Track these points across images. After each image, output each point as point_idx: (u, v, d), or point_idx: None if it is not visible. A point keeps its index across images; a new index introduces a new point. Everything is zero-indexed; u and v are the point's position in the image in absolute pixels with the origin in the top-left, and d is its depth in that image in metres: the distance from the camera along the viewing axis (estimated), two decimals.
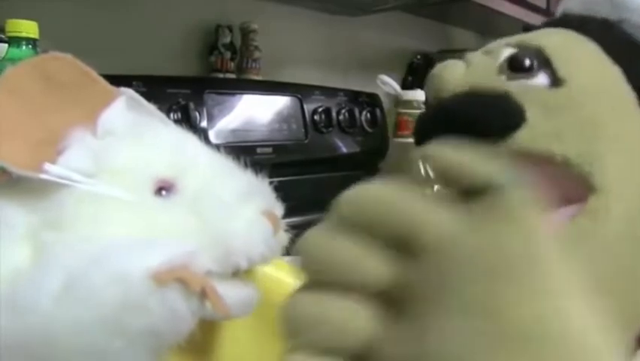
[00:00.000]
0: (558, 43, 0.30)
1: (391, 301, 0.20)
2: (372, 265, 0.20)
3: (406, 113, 1.02)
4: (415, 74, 1.43)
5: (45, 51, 0.36)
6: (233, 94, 0.97)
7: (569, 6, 0.37)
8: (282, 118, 1.04)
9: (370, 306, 0.20)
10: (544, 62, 0.29)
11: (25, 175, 0.27)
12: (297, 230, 0.32)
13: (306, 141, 1.07)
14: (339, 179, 1.14)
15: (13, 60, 0.54)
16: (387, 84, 1.03)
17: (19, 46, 0.55)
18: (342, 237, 0.20)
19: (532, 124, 0.28)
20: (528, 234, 0.19)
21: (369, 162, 1.17)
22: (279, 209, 0.32)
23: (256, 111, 1.00)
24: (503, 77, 0.30)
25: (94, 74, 0.32)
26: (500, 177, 0.19)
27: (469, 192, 0.20)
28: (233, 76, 1.04)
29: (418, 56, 1.45)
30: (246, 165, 0.33)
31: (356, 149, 1.15)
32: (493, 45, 0.32)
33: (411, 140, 0.96)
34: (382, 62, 1.35)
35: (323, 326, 0.19)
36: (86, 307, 0.24)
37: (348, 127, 1.14)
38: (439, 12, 1.43)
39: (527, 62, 0.29)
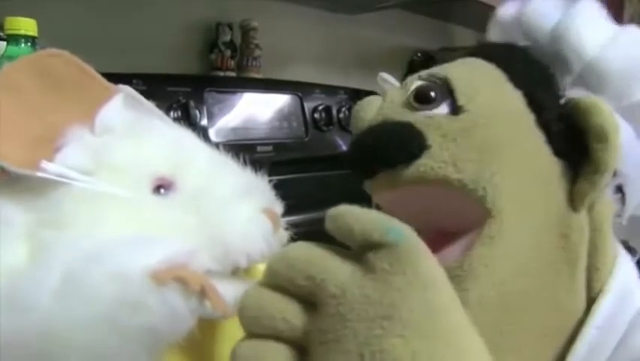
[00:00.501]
0: (463, 73, 0.33)
1: (307, 346, 0.23)
2: (290, 317, 0.24)
3: None
4: (416, 71, 1.42)
5: (43, 49, 0.36)
6: (234, 92, 0.97)
7: (492, 35, 0.41)
8: (283, 116, 1.04)
9: (290, 350, 0.24)
10: (448, 93, 0.31)
11: (22, 173, 0.27)
12: (297, 228, 0.32)
13: (306, 139, 1.06)
14: (339, 177, 1.13)
15: (11, 58, 0.54)
16: (388, 82, 1.02)
17: (17, 44, 0.54)
18: (268, 295, 0.24)
19: (432, 152, 0.30)
20: (418, 281, 0.22)
21: None
22: (278, 207, 0.31)
23: (256, 109, 0.99)
24: (410, 109, 0.32)
25: (91, 71, 0.31)
26: (391, 234, 0.23)
27: (365, 248, 0.23)
28: (233, 74, 1.04)
29: (419, 54, 1.44)
30: (246, 163, 0.33)
31: None
32: (410, 78, 0.35)
33: None
34: (383, 60, 1.34)
35: None
36: (85, 305, 0.24)
37: (349, 125, 1.13)
38: (440, 10, 1.43)
39: (432, 94, 0.31)
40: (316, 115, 1.08)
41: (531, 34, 0.36)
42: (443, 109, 0.31)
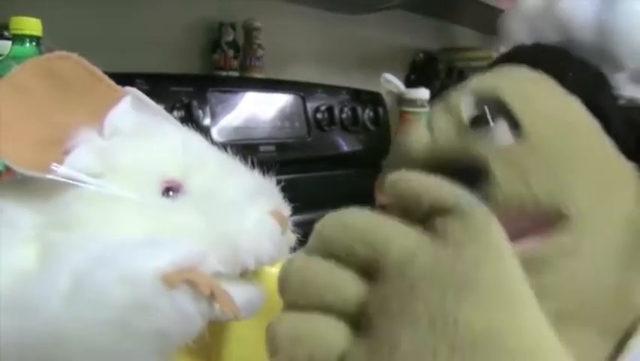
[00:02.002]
0: (514, 88, 0.31)
1: (363, 319, 0.22)
2: (343, 287, 0.22)
3: (409, 112, 1.02)
4: (418, 72, 1.43)
5: (49, 49, 0.36)
6: (236, 92, 0.97)
7: (518, 36, 0.37)
8: (285, 116, 1.03)
9: (342, 325, 0.22)
10: (503, 112, 0.29)
11: (31, 175, 0.27)
12: (300, 228, 0.32)
13: (308, 139, 1.06)
14: (341, 177, 1.14)
15: (16, 58, 0.54)
16: (391, 82, 1.02)
17: (22, 43, 0.55)
18: (317, 263, 0.23)
19: (500, 182, 0.28)
20: (493, 252, 0.21)
21: (371, 160, 1.17)
22: (286, 209, 0.31)
23: (259, 109, 0.99)
24: (466, 135, 0.30)
25: (100, 73, 0.31)
26: (463, 200, 0.22)
27: (429, 215, 0.22)
28: (236, 74, 1.04)
29: (421, 54, 1.44)
30: (248, 163, 0.33)
31: (358, 147, 1.15)
32: (452, 98, 0.32)
33: None
34: (385, 61, 1.34)
35: (299, 342, 0.22)
36: (95, 308, 0.24)
37: (351, 125, 1.13)
38: (442, 10, 1.42)
39: (487, 118, 0.29)
40: (319, 115, 1.08)
41: (570, 31, 0.34)
42: (502, 131, 0.29)
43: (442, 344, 0.19)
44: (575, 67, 0.32)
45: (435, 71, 1.41)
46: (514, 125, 0.29)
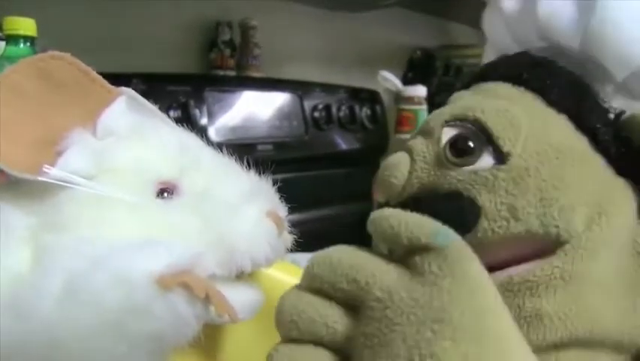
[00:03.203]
0: (494, 109, 0.29)
1: (351, 351, 0.23)
2: (331, 322, 0.24)
3: (406, 110, 1.02)
4: (415, 69, 1.42)
5: (43, 49, 0.35)
6: (234, 91, 0.97)
7: (499, 39, 0.36)
8: (282, 115, 1.03)
9: (333, 355, 0.24)
10: (486, 138, 0.28)
11: (24, 177, 0.26)
12: (297, 227, 0.32)
13: (306, 138, 1.06)
14: (339, 176, 1.13)
15: (10, 58, 0.53)
16: (389, 80, 1.02)
17: (16, 44, 0.54)
18: (307, 299, 0.24)
19: (487, 213, 0.27)
20: (466, 285, 0.22)
21: (369, 158, 1.17)
22: (282, 210, 0.31)
23: (256, 108, 0.99)
24: (448, 166, 0.29)
25: (93, 73, 0.31)
26: (439, 237, 0.22)
27: (411, 252, 0.23)
28: (233, 73, 1.03)
29: (418, 52, 1.44)
30: (246, 163, 0.33)
31: (356, 145, 1.15)
32: (431, 122, 0.31)
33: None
34: (382, 58, 1.34)
35: None
36: (89, 310, 0.24)
37: (349, 124, 1.13)
38: (440, 8, 1.42)
39: (469, 145, 0.28)
40: (316, 114, 1.08)
41: (552, 37, 0.32)
42: (486, 159, 0.28)
43: None
44: (560, 81, 0.30)
45: (432, 69, 1.41)
46: (498, 151, 0.28)
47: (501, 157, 0.28)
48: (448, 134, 0.29)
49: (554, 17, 0.31)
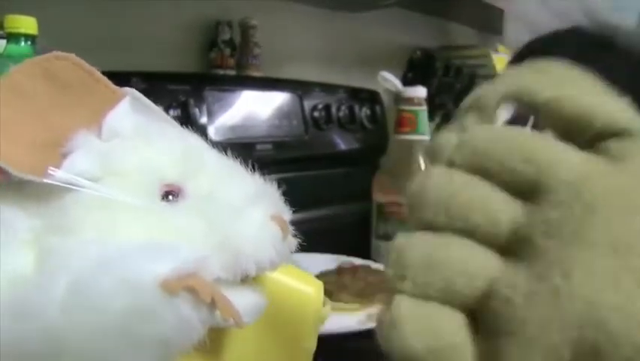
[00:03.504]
0: (559, 93, 0.27)
1: (517, 245, 0.19)
2: (495, 206, 0.19)
3: (406, 111, 1.01)
4: (415, 69, 1.42)
5: (44, 47, 0.35)
6: (233, 90, 0.97)
7: (533, 14, 0.34)
8: (282, 114, 1.03)
9: (489, 250, 0.19)
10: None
11: (28, 179, 0.26)
12: (297, 226, 0.32)
13: (305, 138, 1.06)
14: (338, 175, 1.13)
15: (11, 57, 0.53)
16: (389, 81, 1.02)
17: (17, 42, 0.54)
18: (462, 178, 0.19)
19: None
20: None
21: (369, 158, 1.17)
22: (287, 213, 0.31)
23: (256, 108, 0.99)
24: None
25: (98, 74, 0.31)
26: (635, 123, 0.19)
27: (596, 138, 0.20)
28: (233, 72, 1.03)
29: (418, 52, 1.44)
30: (245, 163, 0.32)
31: (356, 145, 1.15)
32: (483, 98, 0.30)
33: (411, 137, 0.95)
34: (382, 59, 1.34)
35: (436, 269, 0.19)
36: (93, 313, 0.24)
37: (348, 124, 1.13)
38: (440, 8, 1.42)
39: (528, 126, 0.27)
40: (316, 113, 1.08)
41: (604, 16, 0.31)
42: None
43: (624, 270, 0.18)
44: (621, 62, 0.29)
45: (432, 69, 1.41)
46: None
47: None
48: (503, 113, 0.28)
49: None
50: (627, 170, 0.19)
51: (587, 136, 0.20)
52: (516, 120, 0.26)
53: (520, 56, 0.32)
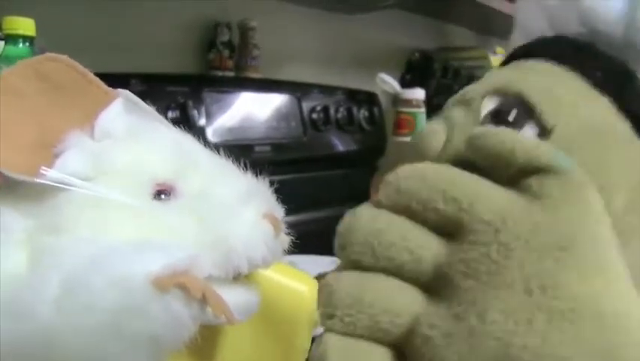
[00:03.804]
0: (539, 86, 0.28)
1: (438, 283, 0.20)
2: (418, 245, 0.20)
3: (405, 113, 1.02)
4: (413, 71, 1.43)
5: (42, 49, 0.35)
6: (232, 92, 0.97)
7: (535, 25, 0.35)
8: (281, 116, 1.03)
9: (414, 288, 0.20)
10: (529, 112, 0.27)
11: (21, 179, 0.27)
12: (295, 229, 0.32)
13: (304, 139, 1.06)
14: (337, 177, 1.14)
15: (9, 58, 0.53)
16: (387, 83, 1.02)
17: (15, 44, 0.54)
18: (388, 217, 0.20)
19: None
20: (591, 214, 0.20)
21: (367, 160, 1.17)
22: (279, 211, 0.31)
23: (254, 109, 0.99)
24: None
25: (91, 75, 0.31)
26: (560, 160, 0.20)
27: (519, 175, 0.20)
28: (231, 74, 1.03)
29: (416, 54, 1.44)
30: (244, 164, 0.33)
31: (354, 147, 1.15)
32: (470, 93, 0.30)
33: (409, 138, 0.96)
34: (381, 60, 1.34)
35: (361, 305, 0.19)
36: (85, 312, 0.24)
37: (347, 125, 1.13)
38: (438, 9, 1.43)
39: (512, 115, 0.27)
40: (314, 115, 1.08)
41: (594, 22, 0.31)
42: (527, 132, 0.27)
43: (538, 309, 0.18)
44: (603, 64, 0.30)
45: (430, 71, 1.41)
46: (541, 125, 0.27)
47: (544, 132, 0.27)
48: (488, 105, 0.28)
49: (600, 5, 0.31)
50: (545, 208, 0.19)
51: (511, 172, 0.20)
52: (500, 112, 0.27)
53: (506, 62, 0.33)
